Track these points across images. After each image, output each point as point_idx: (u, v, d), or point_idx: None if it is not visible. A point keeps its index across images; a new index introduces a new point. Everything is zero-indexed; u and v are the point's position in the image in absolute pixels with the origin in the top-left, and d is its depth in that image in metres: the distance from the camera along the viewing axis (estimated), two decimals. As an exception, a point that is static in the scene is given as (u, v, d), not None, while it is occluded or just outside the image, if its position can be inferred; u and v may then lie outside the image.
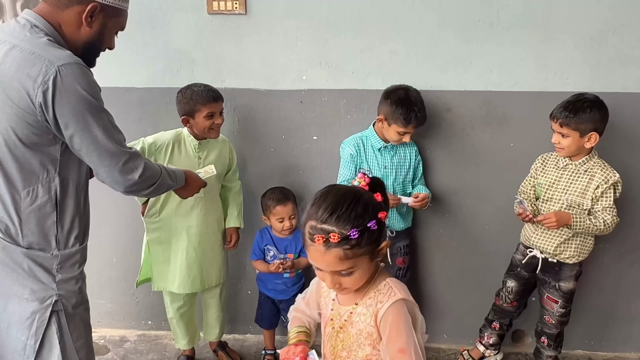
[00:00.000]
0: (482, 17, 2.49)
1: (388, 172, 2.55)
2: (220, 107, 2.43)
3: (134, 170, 1.68)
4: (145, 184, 1.73)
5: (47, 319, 1.66)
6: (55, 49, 1.56)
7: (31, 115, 1.53)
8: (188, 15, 2.61)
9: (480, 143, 2.65)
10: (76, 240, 1.72)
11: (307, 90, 2.66)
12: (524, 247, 2.53)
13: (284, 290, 2.69)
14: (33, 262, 1.65)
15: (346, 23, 2.56)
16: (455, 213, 2.75)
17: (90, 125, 1.58)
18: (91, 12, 1.63)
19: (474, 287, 2.80)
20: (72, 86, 1.53)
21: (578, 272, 2.44)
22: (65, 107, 1.53)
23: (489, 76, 2.56)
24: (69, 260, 1.70)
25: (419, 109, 2.42)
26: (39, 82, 1.50)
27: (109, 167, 1.64)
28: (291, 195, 2.63)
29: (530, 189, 2.48)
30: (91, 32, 1.66)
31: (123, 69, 2.69)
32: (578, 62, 2.51)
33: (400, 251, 2.68)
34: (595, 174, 2.29)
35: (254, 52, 2.64)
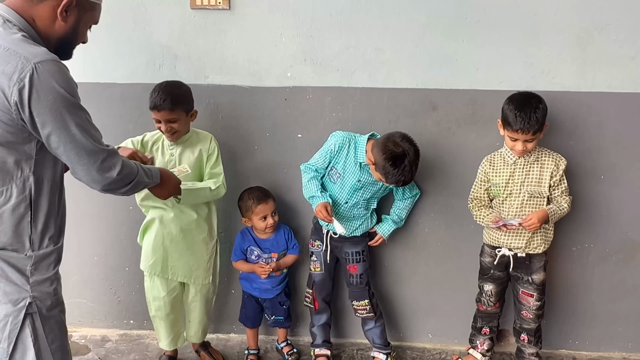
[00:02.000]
0: (468, 15, 2.47)
1: (360, 185, 2.50)
2: (167, 116, 2.31)
3: (111, 169, 1.63)
4: (123, 182, 1.69)
5: (20, 322, 1.61)
6: (31, 46, 1.51)
7: (6, 113, 1.48)
8: (170, 10, 2.57)
9: (466, 142, 2.63)
10: (51, 240, 1.67)
11: (291, 87, 2.63)
12: (489, 248, 2.54)
13: (268, 290, 2.68)
14: (6, 263, 1.60)
15: (332, 19, 2.53)
16: (440, 212, 2.74)
17: (67, 123, 1.53)
18: (66, 7, 1.58)
19: (458, 287, 2.79)
20: (49, 84, 1.48)
21: (545, 261, 2.50)
22: (42, 105, 1.48)
23: (476, 74, 2.54)
24: (43, 261, 1.66)
25: (409, 175, 2.31)
26: (14, 80, 1.45)
27: (87, 165, 1.59)
28: (269, 192, 2.61)
29: (484, 193, 2.50)
30: (66, 27, 1.62)
31: (104, 64, 2.64)
32: (564, 60, 2.50)
33: (350, 257, 2.63)
34: (545, 162, 2.40)
35: (238, 48, 2.60)
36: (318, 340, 2.77)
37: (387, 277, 2.86)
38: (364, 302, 2.66)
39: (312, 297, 2.71)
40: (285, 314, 2.75)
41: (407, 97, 2.60)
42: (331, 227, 2.56)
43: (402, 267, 2.84)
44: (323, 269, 2.68)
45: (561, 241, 2.62)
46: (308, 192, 2.53)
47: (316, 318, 2.76)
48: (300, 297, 2.85)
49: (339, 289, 2.83)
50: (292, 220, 2.78)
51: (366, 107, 2.61)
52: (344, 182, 2.50)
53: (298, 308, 2.89)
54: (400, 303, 2.89)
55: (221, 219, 2.74)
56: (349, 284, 2.70)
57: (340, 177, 2.50)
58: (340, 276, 2.80)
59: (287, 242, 2.67)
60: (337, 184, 2.51)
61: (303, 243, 2.78)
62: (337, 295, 2.85)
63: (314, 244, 2.68)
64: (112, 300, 2.97)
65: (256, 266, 2.61)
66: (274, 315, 2.74)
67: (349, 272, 2.66)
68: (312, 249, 2.70)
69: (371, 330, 2.72)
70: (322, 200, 2.46)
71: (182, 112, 2.36)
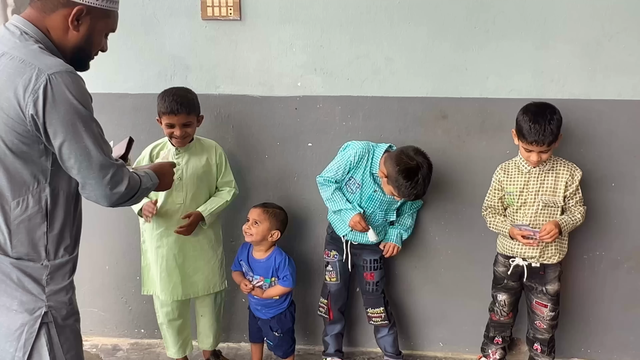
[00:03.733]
0: (478, 24, 2.48)
1: (377, 196, 2.51)
2: (182, 120, 2.35)
3: (119, 183, 1.62)
4: (129, 194, 1.67)
5: (36, 331, 1.62)
6: (46, 57, 1.52)
7: (21, 124, 1.49)
8: (182, 21, 2.60)
9: (476, 150, 2.63)
10: (66, 250, 1.68)
11: (302, 97, 2.64)
12: (503, 257, 2.53)
13: (257, 310, 2.62)
14: (22, 272, 1.60)
15: (341, 29, 2.55)
16: (450, 220, 2.74)
17: (80, 135, 1.53)
18: (77, 16, 1.57)
19: (469, 295, 2.78)
20: (63, 95, 1.48)
21: (560, 272, 2.48)
22: (55, 117, 1.48)
23: (485, 83, 2.55)
24: (59, 270, 1.66)
25: (422, 190, 2.32)
26: (29, 91, 1.46)
27: (97, 179, 1.58)
28: (268, 209, 2.53)
29: (498, 202, 2.50)
30: (79, 36, 1.61)
31: (116, 75, 2.67)
32: (574, 69, 2.50)
33: (367, 265, 2.64)
34: (560, 171, 2.38)
35: (249, 58, 2.62)
36: (330, 350, 2.76)
37: (398, 285, 2.85)
38: (379, 309, 2.66)
39: (327, 307, 2.70)
40: (276, 341, 2.62)
41: (417, 105, 2.61)
42: (350, 235, 2.56)
43: (413, 275, 2.83)
44: (339, 279, 2.67)
45: (573, 249, 2.61)
46: (335, 206, 2.51)
47: (330, 328, 2.76)
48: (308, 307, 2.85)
49: (351, 298, 2.83)
50: (302, 229, 2.78)
51: (376, 116, 2.62)
52: (363, 192, 2.50)
53: (309, 316, 2.89)
54: (411, 311, 2.88)
55: (232, 229, 2.75)
56: (364, 291, 2.69)
57: (359, 187, 2.49)
58: (353, 285, 2.80)
59: (278, 269, 2.53)
60: (356, 194, 2.51)
61: (314, 252, 2.78)
62: (349, 304, 2.85)
63: (330, 254, 2.68)
64: (123, 309, 2.98)
65: (242, 282, 2.58)
66: (265, 337, 2.67)
67: (365, 280, 2.65)
68: (327, 259, 2.69)
69: (383, 338, 2.72)
70: (355, 211, 2.47)
71: (195, 117, 2.41)
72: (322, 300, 2.73)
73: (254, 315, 2.66)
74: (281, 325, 2.59)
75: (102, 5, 1.61)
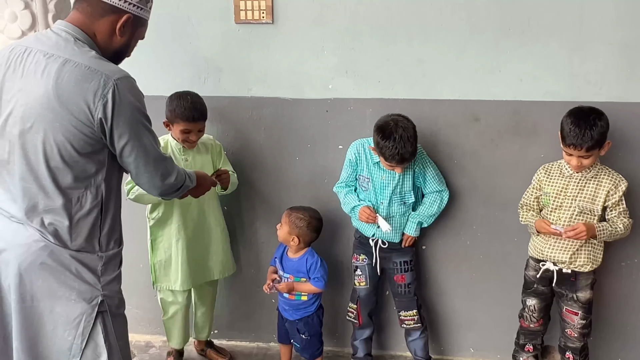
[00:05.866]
0: (512, 26, 2.45)
1: (386, 183, 2.50)
2: (199, 126, 2.48)
3: (170, 175, 1.79)
4: (175, 187, 1.83)
5: (93, 319, 1.71)
6: (107, 63, 1.63)
7: (89, 127, 1.59)
8: (216, 25, 2.64)
9: (509, 153, 2.59)
10: (116, 242, 1.78)
11: (333, 99, 2.65)
12: (534, 261, 2.48)
13: (285, 310, 2.63)
14: (80, 263, 1.70)
15: (372, 32, 2.54)
16: (483, 224, 2.70)
17: (141, 135, 1.66)
18: (124, 23, 1.68)
19: (501, 301, 2.74)
20: (127, 99, 1.60)
21: (593, 280, 2.41)
22: (121, 119, 1.60)
23: (519, 85, 2.51)
24: (111, 261, 1.76)
25: (404, 147, 2.29)
26: (98, 96, 1.56)
27: (152, 172, 1.73)
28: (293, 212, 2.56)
29: (534, 201, 2.46)
30: (122, 41, 1.72)
31: (152, 77, 2.72)
32: (612, 71, 2.44)
33: (397, 267, 2.62)
34: (603, 180, 2.31)
35: (281, 61, 2.65)
36: (360, 354, 2.76)
37: (428, 289, 2.83)
38: (412, 312, 2.64)
39: (357, 312, 2.69)
40: (303, 343, 2.62)
41: (448, 108, 2.59)
42: (378, 233, 2.56)
43: (443, 279, 2.81)
44: (368, 283, 2.67)
45: (609, 256, 2.54)
46: (348, 206, 2.57)
47: (359, 332, 2.75)
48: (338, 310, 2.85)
49: (380, 302, 2.82)
50: (331, 231, 2.79)
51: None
52: (374, 184, 2.51)
53: (338, 318, 2.89)
54: (441, 316, 2.86)
55: (263, 229, 2.78)
56: (396, 294, 2.68)
57: (369, 181, 2.52)
58: (382, 289, 2.79)
59: (309, 271, 2.54)
60: (370, 189, 2.52)
61: (343, 255, 2.79)
62: (378, 308, 2.83)
63: (359, 258, 2.67)
64: (156, 307, 3.02)
65: (269, 278, 2.62)
66: (292, 339, 2.67)
67: (396, 283, 2.64)
68: (356, 263, 2.69)
69: (415, 341, 2.70)
70: (362, 205, 2.51)
71: (205, 120, 2.52)
72: (351, 305, 2.73)
73: (282, 316, 2.67)
74: (308, 329, 2.60)
75: (143, 15, 1.75)
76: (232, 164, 2.77)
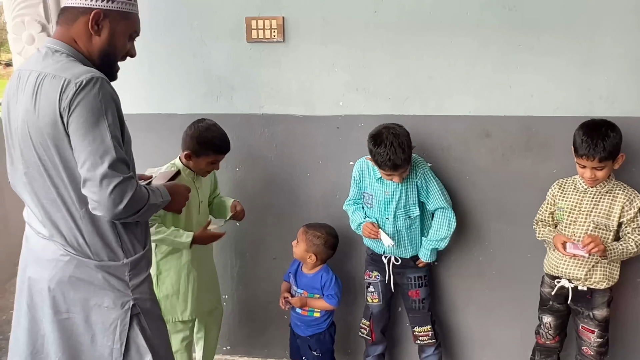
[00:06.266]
0: (522, 42, 2.45)
1: (389, 198, 2.50)
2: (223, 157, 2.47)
3: (124, 192, 1.58)
4: (133, 208, 1.63)
5: (128, 323, 1.74)
6: (75, 67, 1.59)
7: (67, 136, 1.57)
8: (228, 44, 2.68)
9: (521, 169, 2.58)
10: (139, 245, 1.78)
11: (344, 116, 2.67)
12: (549, 278, 2.46)
13: (297, 326, 2.63)
14: (107, 273, 1.71)
15: (382, 49, 2.56)
16: (495, 240, 2.69)
17: (95, 134, 1.55)
18: (95, 20, 1.64)
19: (515, 317, 2.71)
20: (88, 99, 1.54)
21: (610, 297, 2.38)
22: (76, 115, 1.54)
23: (530, 101, 2.50)
24: (137, 265, 1.77)
25: (394, 153, 2.27)
26: (63, 101, 1.53)
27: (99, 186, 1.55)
28: (309, 230, 2.56)
29: (549, 216, 2.44)
30: (102, 40, 1.67)
31: (165, 96, 2.77)
32: (623, 85, 2.43)
33: (412, 282, 2.61)
34: (618, 195, 2.29)
35: (292, 79, 2.68)
36: (372, 370, 2.75)
37: (441, 305, 2.81)
38: (426, 327, 2.63)
39: (370, 328, 2.69)
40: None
41: (459, 124, 2.59)
42: (387, 250, 2.55)
43: (456, 295, 2.79)
44: (381, 300, 2.67)
45: (624, 272, 2.51)
46: (354, 223, 2.59)
47: (372, 349, 2.74)
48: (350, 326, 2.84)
49: (393, 318, 2.80)
50: (343, 247, 2.79)
51: (418, 134, 2.61)
52: (378, 201, 2.52)
53: (350, 334, 2.88)
54: (455, 332, 2.83)
55: (275, 245, 2.80)
56: (410, 309, 2.67)
57: (373, 198, 2.53)
58: (395, 305, 2.78)
59: (323, 287, 2.54)
60: (374, 205, 2.53)
61: (355, 271, 2.78)
62: (391, 324, 2.82)
63: (371, 275, 2.67)
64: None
65: (282, 294, 2.62)
66: (303, 355, 2.65)
67: (410, 298, 2.63)
68: (368, 279, 2.69)
69: (428, 357, 2.68)
70: (366, 221, 2.52)
71: None
72: (364, 321, 2.72)
73: (294, 332, 2.67)
74: (320, 346, 2.59)
75: (118, 7, 1.67)
76: (244, 181, 2.80)
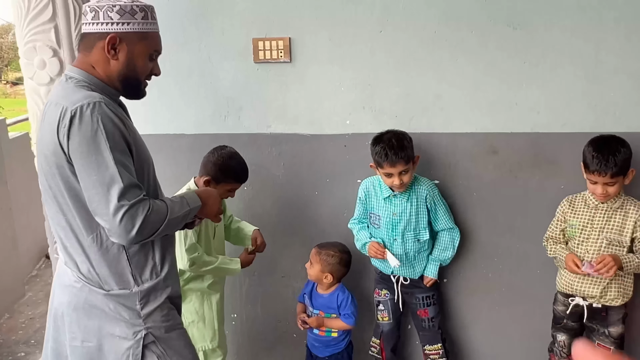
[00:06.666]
0: (527, 59, 2.46)
1: (397, 220, 2.50)
2: None
3: (135, 217, 1.51)
4: (150, 229, 1.56)
5: (141, 352, 1.69)
6: (76, 93, 1.56)
7: (68, 163, 1.55)
8: (235, 64, 2.71)
9: (528, 185, 2.58)
10: (153, 273, 1.71)
11: (351, 135, 2.69)
12: (563, 296, 2.44)
13: (314, 346, 2.62)
14: (116, 302, 1.67)
15: (389, 68, 2.58)
16: (504, 256, 2.68)
17: (95, 161, 1.51)
18: (111, 44, 1.61)
19: (525, 334, 2.70)
20: (85, 125, 1.50)
21: (624, 314, 2.36)
22: (75, 143, 1.52)
23: (536, 117, 2.51)
24: (150, 294, 1.70)
25: (393, 148, 2.35)
26: (61, 129, 1.52)
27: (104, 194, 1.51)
28: (323, 249, 2.55)
29: (559, 233, 2.43)
30: (120, 64, 1.64)
31: (173, 116, 2.79)
32: (629, 101, 2.43)
33: (420, 302, 2.61)
34: (630, 211, 2.29)
35: (299, 98, 2.70)
36: (383, 388, 2.73)
37: (451, 322, 2.80)
38: (437, 345, 2.62)
39: (380, 347, 2.68)
40: None
41: (466, 141, 2.60)
42: (395, 270, 2.55)
43: (466, 312, 2.78)
44: (391, 318, 2.66)
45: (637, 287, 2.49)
46: (359, 242, 2.60)
47: (382, 368, 2.73)
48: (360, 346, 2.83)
49: (402, 336, 2.79)
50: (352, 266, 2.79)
51: (425, 152, 2.63)
52: (385, 222, 2.52)
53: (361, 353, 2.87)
54: (465, 349, 2.82)
55: (284, 263, 2.80)
56: (420, 328, 2.66)
57: (379, 218, 2.53)
58: (405, 323, 2.77)
59: (339, 307, 2.53)
60: (381, 226, 2.53)
61: (364, 289, 2.78)
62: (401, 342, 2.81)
63: (381, 293, 2.67)
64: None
65: (299, 316, 2.60)
66: None
67: (420, 317, 2.63)
68: (378, 298, 2.69)
69: (439, 376, 2.67)
70: (371, 241, 2.53)
71: None
72: (374, 340, 2.71)
73: (311, 353, 2.66)
74: None
75: (134, 29, 1.62)
76: (253, 199, 2.81)
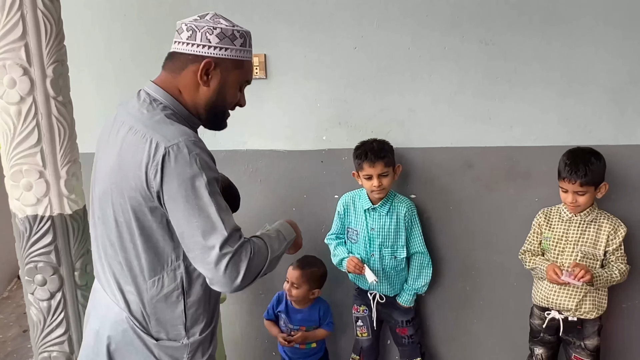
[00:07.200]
0: (499, 74, 2.50)
1: (375, 235, 2.51)
2: None
3: (239, 264, 1.41)
4: (253, 274, 1.46)
5: None
6: (168, 127, 1.43)
7: (150, 201, 1.43)
8: (210, 81, 2.69)
9: (504, 198, 2.61)
10: (205, 327, 1.60)
11: (327, 150, 2.69)
12: (539, 310, 2.46)
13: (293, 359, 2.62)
14: (164, 353, 1.56)
15: (364, 83, 2.60)
16: (481, 270, 2.69)
17: (191, 208, 1.39)
18: (206, 70, 1.49)
19: (504, 347, 2.71)
20: (178, 168, 1.38)
21: (599, 326, 2.39)
22: (169, 189, 1.40)
23: (510, 132, 2.55)
24: (200, 347, 1.60)
25: (372, 148, 2.42)
26: (151, 168, 1.39)
27: (205, 260, 1.40)
28: (306, 263, 2.57)
29: (537, 246, 2.46)
30: (210, 91, 1.52)
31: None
32: (601, 114, 2.48)
33: (399, 322, 2.62)
34: (603, 224, 2.32)
35: (275, 114, 2.69)
36: (362, 404, 2.71)
37: (430, 336, 2.81)
38: None
39: None
40: None
41: (442, 155, 2.62)
42: (372, 286, 2.54)
43: (445, 327, 2.78)
44: (370, 334, 2.65)
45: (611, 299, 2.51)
46: (337, 258, 2.59)
47: (362, 383, 2.72)
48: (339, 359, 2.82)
49: (382, 351, 2.78)
50: (330, 280, 2.78)
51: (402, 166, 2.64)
52: (363, 236, 2.53)
53: (340, 370, 2.86)
54: (444, 364, 2.82)
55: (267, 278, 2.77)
56: (400, 343, 2.66)
57: (357, 233, 2.54)
58: (384, 338, 2.76)
59: (321, 318, 2.57)
60: (359, 241, 2.54)
61: (344, 305, 2.77)
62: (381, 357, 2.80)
63: (359, 309, 2.67)
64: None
65: (279, 335, 2.58)
66: None
67: (399, 335, 2.63)
68: (357, 314, 2.68)
69: (418, 389, 2.66)
70: (350, 257, 2.52)
71: None
72: (354, 356, 2.70)
73: None
74: None
75: (231, 55, 1.52)
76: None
